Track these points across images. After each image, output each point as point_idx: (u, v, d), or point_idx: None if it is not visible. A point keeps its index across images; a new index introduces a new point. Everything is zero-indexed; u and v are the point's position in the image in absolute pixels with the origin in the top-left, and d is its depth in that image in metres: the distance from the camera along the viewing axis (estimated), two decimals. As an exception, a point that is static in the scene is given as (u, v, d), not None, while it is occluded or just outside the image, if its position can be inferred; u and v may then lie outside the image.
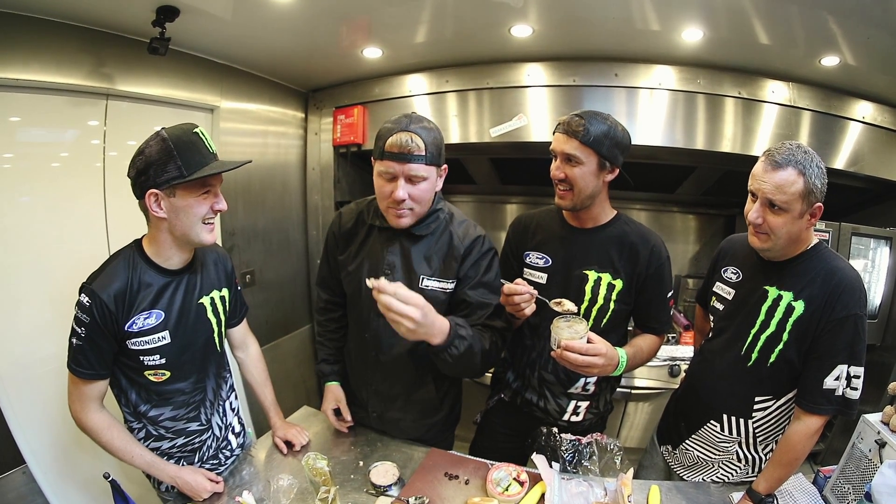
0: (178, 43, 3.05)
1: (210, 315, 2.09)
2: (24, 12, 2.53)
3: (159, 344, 1.89)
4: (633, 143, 2.19)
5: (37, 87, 2.65)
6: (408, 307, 1.76)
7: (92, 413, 1.89)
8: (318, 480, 1.92)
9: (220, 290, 2.16)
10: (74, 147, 2.91)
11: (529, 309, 2.11)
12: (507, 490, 1.98)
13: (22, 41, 2.55)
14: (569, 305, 2.12)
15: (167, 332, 1.90)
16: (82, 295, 1.80)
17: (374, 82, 4.11)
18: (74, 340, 1.81)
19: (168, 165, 1.73)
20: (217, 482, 2.06)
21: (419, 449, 2.34)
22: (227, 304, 2.21)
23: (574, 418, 2.45)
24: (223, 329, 2.21)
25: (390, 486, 2.03)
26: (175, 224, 1.83)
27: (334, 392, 2.52)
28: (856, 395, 1.84)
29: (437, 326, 1.88)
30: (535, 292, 2.10)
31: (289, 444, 2.37)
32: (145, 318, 1.85)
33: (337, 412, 2.51)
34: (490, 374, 2.82)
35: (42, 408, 2.72)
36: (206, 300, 2.07)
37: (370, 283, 1.77)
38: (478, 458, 2.26)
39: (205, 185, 1.82)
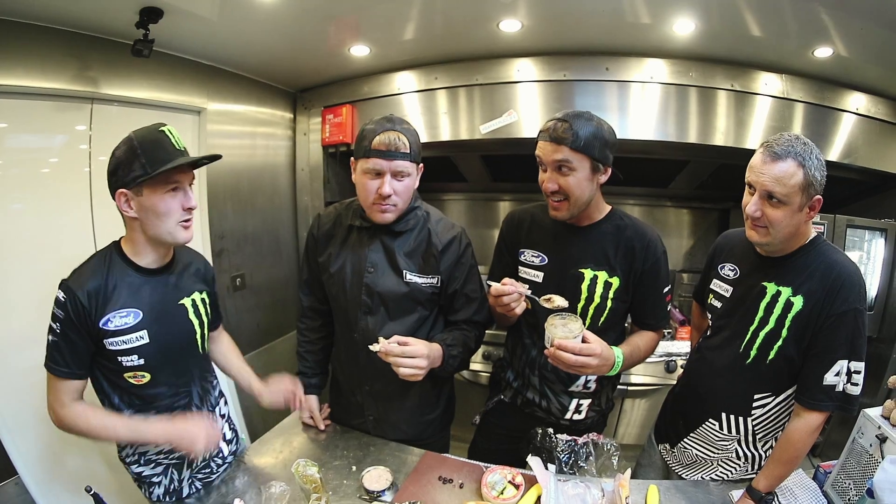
0: (162, 44, 3.02)
1: (192, 316, 2.07)
2: (5, 16, 2.49)
3: (137, 344, 1.86)
4: (625, 137, 2.17)
5: (21, 93, 2.62)
6: (415, 360, 2.02)
7: (68, 407, 1.84)
8: (308, 488, 1.89)
9: (202, 293, 2.14)
10: (63, 152, 2.89)
11: (520, 308, 2.09)
12: (502, 493, 1.95)
13: (3, 46, 2.51)
14: (559, 301, 2.10)
15: (145, 331, 1.87)
16: (59, 291, 1.79)
17: (362, 81, 4.08)
18: (51, 337, 1.79)
19: (133, 164, 1.74)
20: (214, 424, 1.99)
21: (413, 452, 2.32)
22: (207, 306, 2.18)
23: (576, 416, 2.42)
24: (206, 331, 2.18)
25: (383, 491, 2.00)
26: (146, 224, 1.83)
27: (309, 403, 2.58)
28: (857, 390, 1.82)
29: (436, 356, 2.12)
30: (524, 291, 2.08)
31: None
32: (122, 317, 1.83)
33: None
34: (488, 375, 2.81)
35: (34, 417, 2.69)
36: (187, 301, 2.05)
37: (374, 348, 2.01)
38: (472, 461, 2.24)
39: (170, 181, 1.80)
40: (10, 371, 2.65)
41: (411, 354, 2.00)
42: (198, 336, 2.10)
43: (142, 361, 1.88)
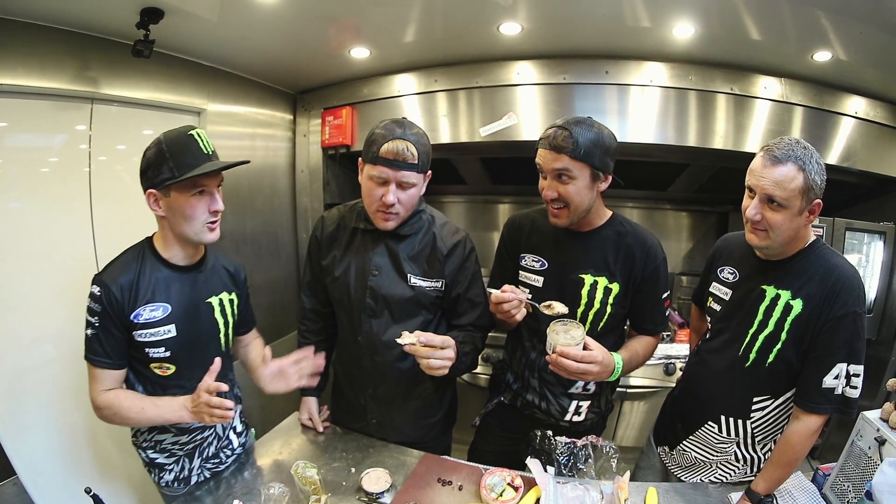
0: (163, 45, 3.01)
1: (217, 315, 2.13)
2: (5, 16, 2.48)
3: (165, 337, 1.92)
4: (625, 140, 2.15)
5: (21, 92, 2.61)
6: (445, 351, 2.00)
7: (106, 393, 1.90)
8: (308, 489, 1.89)
9: (230, 294, 2.19)
10: (63, 152, 2.88)
11: (520, 315, 2.09)
12: (501, 495, 1.95)
13: (3, 45, 2.50)
14: (558, 308, 2.11)
15: (173, 325, 1.94)
16: (93, 286, 1.86)
17: (362, 83, 4.07)
18: (89, 331, 1.87)
19: (162, 167, 1.80)
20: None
21: (412, 454, 2.31)
22: (235, 308, 2.22)
23: (576, 418, 2.42)
24: (230, 331, 2.22)
25: (383, 493, 1.99)
26: (173, 223, 1.90)
27: (308, 405, 2.59)
28: (855, 393, 1.82)
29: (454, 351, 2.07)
30: (524, 297, 2.09)
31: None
32: (152, 311, 1.90)
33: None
34: (488, 377, 2.81)
35: (33, 417, 2.70)
36: (214, 300, 2.11)
37: (402, 340, 1.96)
38: (471, 464, 2.24)
39: (196, 185, 1.84)
40: (9, 371, 2.63)
41: (442, 345, 2.00)
42: (221, 334, 2.17)
43: (168, 354, 1.95)
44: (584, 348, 2.00)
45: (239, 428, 2.37)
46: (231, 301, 2.19)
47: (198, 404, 1.84)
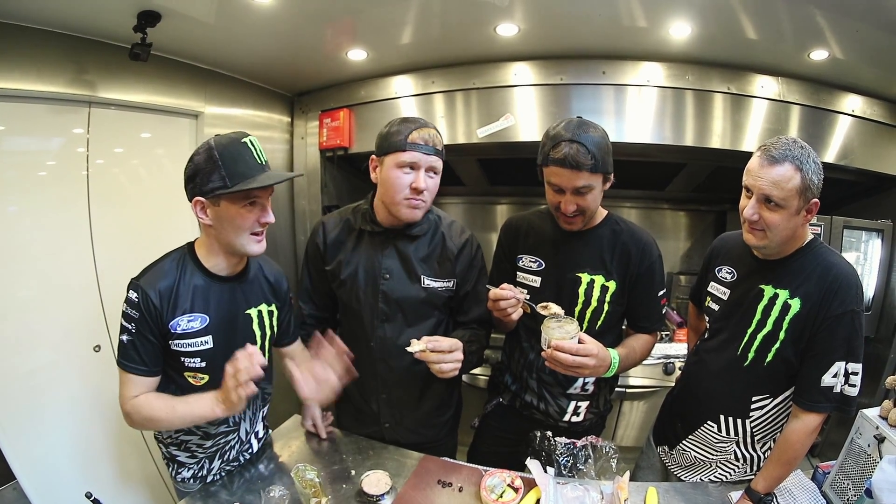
0: (160, 48, 3.01)
1: (255, 327, 2.09)
2: (2, 19, 2.48)
3: (201, 348, 1.90)
4: (622, 140, 2.15)
5: (18, 96, 2.61)
6: (453, 354, 1.99)
7: (136, 398, 1.85)
8: (308, 492, 1.89)
9: (270, 306, 2.15)
10: (61, 155, 2.89)
11: (517, 314, 2.08)
12: (501, 496, 1.95)
13: (0, 49, 2.51)
14: (555, 309, 2.11)
15: (210, 336, 1.91)
16: (130, 291, 1.82)
17: (359, 85, 4.06)
18: (125, 337, 1.82)
19: (213, 175, 1.75)
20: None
21: (411, 456, 2.31)
22: (274, 319, 2.18)
23: (575, 419, 2.42)
24: (268, 343, 2.18)
25: (383, 495, 1.99)
26: (220, 232, 1.86)
27: (311, 411, 2.52)
28: (854, 391, 1.83)
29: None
30: (521, 297, 2.08)
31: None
32: (189, 321, 1.87)
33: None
34: (486, 378, 2.81)
35: (32, 422, 2.70)
36: (253, 312, 2.07)
37: (412, 348, 1.96)
38: (471, 465, 2.23)
39: (248, 196, 1.81)
40: (8, 375, 2.64)
41: (450, 349, 1.99)
42: (258, 347, 2.08)
43: (203, 364, 1.92)
44: (579, 343, 2.00)
45: (261, 434, 2.35)
46: (270, 313, 2.15)
47: (225, 385, 1.76)
